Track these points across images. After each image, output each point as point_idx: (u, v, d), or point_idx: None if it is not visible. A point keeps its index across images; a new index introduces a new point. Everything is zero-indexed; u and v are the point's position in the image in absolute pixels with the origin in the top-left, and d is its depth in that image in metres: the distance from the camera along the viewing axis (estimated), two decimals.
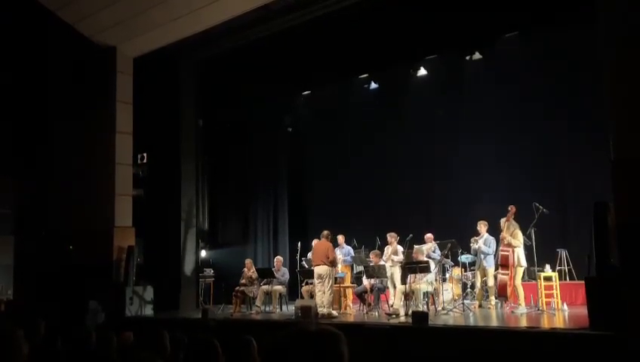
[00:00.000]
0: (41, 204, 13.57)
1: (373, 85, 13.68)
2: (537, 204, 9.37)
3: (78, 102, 13.07)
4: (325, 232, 10.31)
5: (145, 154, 14.03)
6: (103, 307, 11.32)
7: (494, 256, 9.75)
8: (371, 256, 10.42)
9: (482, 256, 9.82)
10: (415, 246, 10.21)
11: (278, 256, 12.15)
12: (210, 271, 13.78)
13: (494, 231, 9.76)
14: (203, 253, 14.41)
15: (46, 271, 12.62)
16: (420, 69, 12.91)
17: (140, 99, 12.95)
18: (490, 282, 9.83)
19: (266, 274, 11.36)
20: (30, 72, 13.51)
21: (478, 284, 10.14)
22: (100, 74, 12.85)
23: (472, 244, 10.02)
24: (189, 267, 13.36)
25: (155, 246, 13.49)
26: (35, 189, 13.82)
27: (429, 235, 10.82)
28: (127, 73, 12.87)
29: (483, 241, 9.81)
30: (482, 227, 9.94)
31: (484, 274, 9.90)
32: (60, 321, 8.74)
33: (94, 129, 12.80)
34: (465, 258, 10.50)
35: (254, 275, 11.54)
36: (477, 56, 12.16)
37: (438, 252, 10.57)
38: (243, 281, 11.63)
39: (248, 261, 12.08)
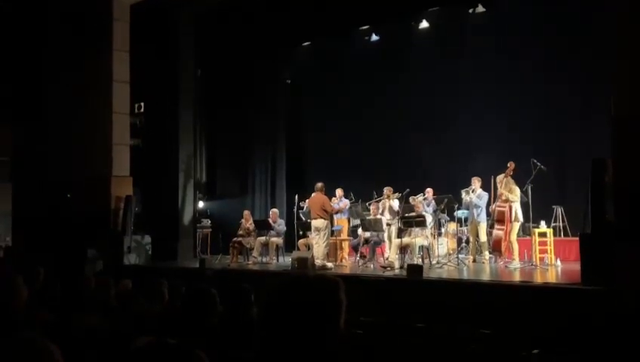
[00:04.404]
0: (39, 151, 13.53)
1: (374, 37, 13.48)
2: (535, 161, 9.38)
3: (75, 50, 12.86)
4: (319, 184, 10.31)
5: (142, 104, 13.91)
6: (101, 255, 11.43)
7: (488, 211, 9.81)
8: (372, 206, 10.49)
9: (475, 211, 9.88)
10: (411, 198, 10.26)
11: (274, 209, 12.20)
12: (207, 222, 13.86)
13: (488, 186, 9.81)
14: (201, 204, 14.46)
15: (44, 218, 12.68)
16: (422, 21, 12.71)
17: (138, 48, 12.75)
18: (483, 238, 9.91)
19: (263, 225, 11.45)
20: (27, 20, 13.26)
21: (472, 239, 10.24)
22: (96, 21, 12.61)
23: (463, 196, 10.07)
24: (187, 217, 13.43)
25: (153, 196, 13.51)
26: (33, 137, 13.75)
27: (429, 190, 10.86)
28: (124, 20, 12.63)
29: (477, 195, 9.86)
30: (476, 182, 9.96)
31: (476, 230, 9.98)
32: (58, 268, 8.83)
33: (91, 77, 12.65)
34: (461, 213, 10.58)
35: (252, 227, 11.63)
36: (480, 9, 11.95)
37: (433, 205, 10.62)
38: (240, 232, 11.72)
39: (246, 212, 12.15)
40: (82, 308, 3.77)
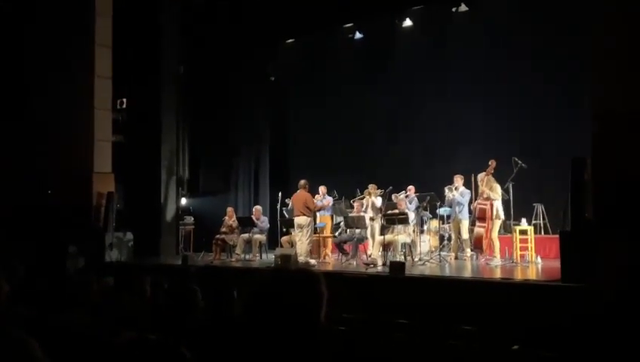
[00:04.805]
0: (20, 147, 13.35)
1: (358, 35, 13.51)
2: (516, 159, 9.49)
3: (57, 45, 12.71)
4: (302, 182, 10.36)
5: (125, 100, 13.80)
6: (83, 252, 11.33)
7: (469, 208, 9.91)
8: (356, 204, 10.52)
9: (457, 208, 9.97)
10: (394, 196, 10.30)
11: (257, 206, 12.18)
12: (190, 219, 13.81)
13: (470, 184, 9.91)
14: (183, 201, 14.40)
15: (25, 214, 12.53)
16: (405, 19, 12.78)
17: (120, 43, 12.64)
18: (465, 235, 10.00)
19: (246, 222, 11.44)
20: (8, 14, 13.06)
21: (454, 236, 10.32)
22: (79, 16, 12.48)
23: (446, 193, 10.15)
24: (169, 214, 13.36)
25: (135, 192, 13.43)
26: (14, 132, 13.56)
27: (410, 187, 10.92)
28: (107, 15, 12.51)
29: (459, 193, 9.95)
30: (459, 180, 10.07)
31: (459, 227, 10.07)
32: (40, 265, 8.74)
33: (73, 72, 12.52)
34: (443, 210, 10.66)
35: (235, 224, 11.61)
36: (463, 8, 12.04)
37: (416, 203, 10.68)
38: (223, 229, 11.70)
39: (229, 209, 12.12)
40: (64, 305, 3.75)
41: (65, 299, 3.94)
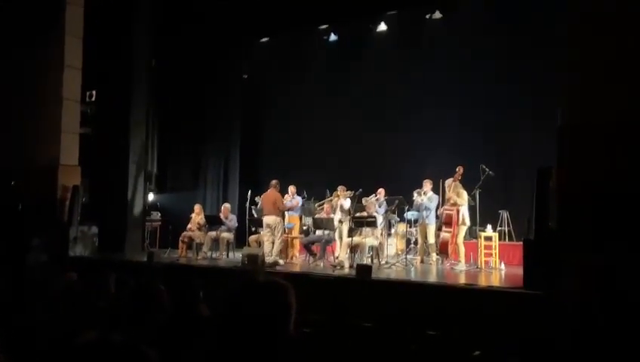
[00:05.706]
0: None
1: (333, 37, 13.56)
2: (484, 166, 9.63)
3: (26, 34, 12.44)
4: (274, 181, 10.38)
5: (94, 92, 13.57)
6: (46, 245, 11.10)
7: (437, 214, 10.02)
8: (326, 205, 10.54)
9: (424, 213, 10.08)
10: (364, 199, 10.36)
11: (226, 204, 12.10)
12: (157, 215, 13.65)
13: (438, 190, 10.02)
14: (151, 196, 14.23)
15: None
16: (380, 23, 12.86)
17: (92, 34, 12.43)
18: (431, 239, 10.11)
19: (214, 220, 11.37)
20: None
21: (420, 241, 10.42)
22: (49, 5, 12.23)
23: (415, 198, 10.23)
24: (136, 209, 13.19)
25: (102, 186, 13.22)
26: None
27: (380, 190, 10.98)
28: (78, 5, 12.29)
29: (428, 198, 10.06)
30: (428, 185, 10.17)
31: (425, 231, 10.17)
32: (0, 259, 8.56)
33: (42, 62, 12.25)
34: (410, 214, 10.75)
35: (202, 221, 11.52)
36: (437, 15, 12.17)
37: (385, 207, 10.75)
38: (190, 227, 11.60)
39: (197, 206, 12.02)
40: (25, 300, 3.68)
41: (26, 293, 3.87)
